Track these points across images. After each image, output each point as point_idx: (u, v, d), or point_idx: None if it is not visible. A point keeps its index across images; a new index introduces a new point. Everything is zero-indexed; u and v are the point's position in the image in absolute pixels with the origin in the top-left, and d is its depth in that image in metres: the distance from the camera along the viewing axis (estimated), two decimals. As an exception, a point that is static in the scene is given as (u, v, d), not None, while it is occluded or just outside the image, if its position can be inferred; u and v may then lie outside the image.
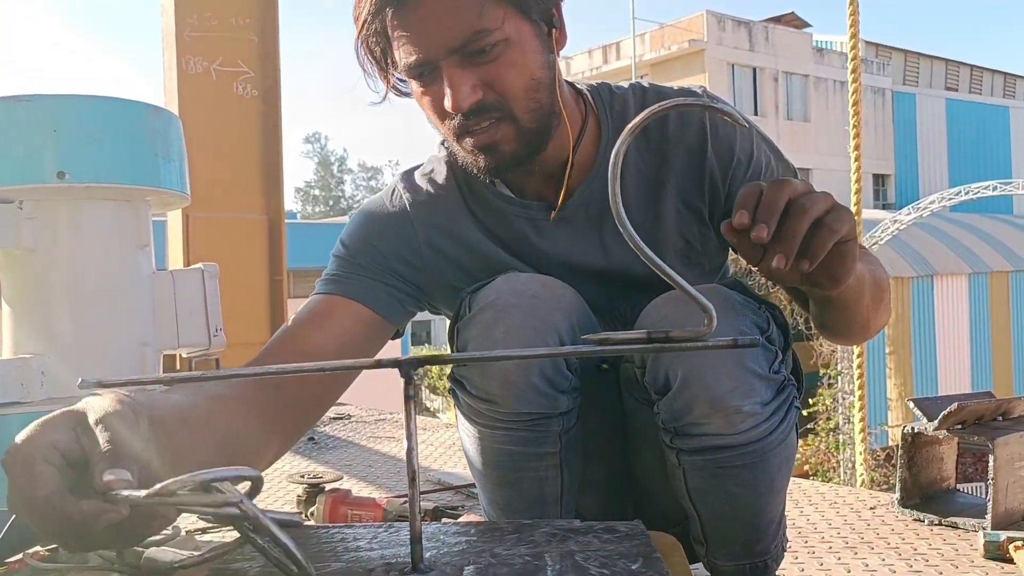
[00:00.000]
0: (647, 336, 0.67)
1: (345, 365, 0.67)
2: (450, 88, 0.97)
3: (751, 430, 0.98)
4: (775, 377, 1.00)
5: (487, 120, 1.01)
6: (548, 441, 1.03)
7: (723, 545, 1.07)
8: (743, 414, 0.97)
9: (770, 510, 1.06)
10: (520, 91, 1.00)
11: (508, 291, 0.99)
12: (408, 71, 1.01)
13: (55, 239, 0.96)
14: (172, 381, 0.68)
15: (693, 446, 1.00)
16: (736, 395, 0.96)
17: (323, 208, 50.53)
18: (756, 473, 1.01)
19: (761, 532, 1.06)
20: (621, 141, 0.68)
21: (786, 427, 1.02)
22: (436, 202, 1.16)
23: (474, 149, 1.03)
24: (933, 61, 26.74)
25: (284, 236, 4.89)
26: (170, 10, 4.67)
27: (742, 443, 0.98)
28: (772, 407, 1.00)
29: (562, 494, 1.08)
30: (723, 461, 1.00)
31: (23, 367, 0.95)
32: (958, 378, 13.64)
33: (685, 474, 1.03)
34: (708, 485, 1.02)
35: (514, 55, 0.99)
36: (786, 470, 1.06)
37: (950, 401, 1.72)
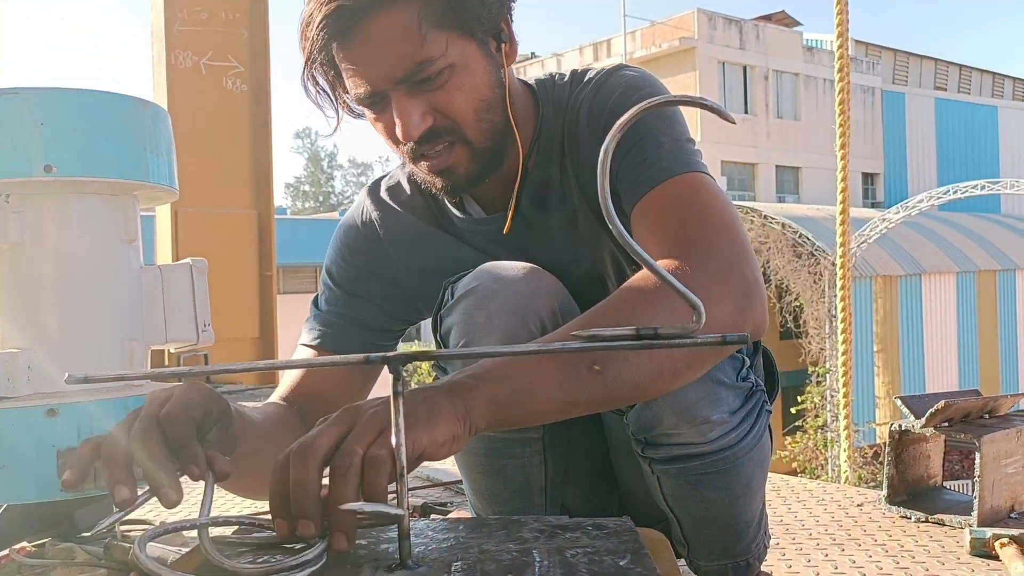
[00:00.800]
0: (635, 333, 0.67)
1: (334, 361, 0.67)
2: (399, 118, 0.98)
3: (721, 438, 0.99)
4: (742, 385, 1.01)
5: (440, 144, 1.01)
6: (531, 427, 1.04)
7: (704, 547, 1.08)
8: (711, 423, 0.97)
9: (748, 511, 1.06)
10: (470, 113, 1.00)
11: (490, 278, 0.99)
12: (359, 101, 1.01)
13: (42, 233, 0.96)
14: (159, 377, 0.68)
15: (664, 455, 1.01)
16: (703, 405, 0.96)
17: (313, 204, 50.38)
18: (730, 478, 1.01)
19: (740, 533, 1.07)
20: (611, 138, 0.68)
21: (757, 432, 1.03)
22: (405, 220, 1.17)
23: (430, 172, 1.04)
24: (922, 60, 26.85)
25: (274, 232, 4.88)
26: (159, 4, 4.65)
27: (713, 451, 0.99)
28: (741, 415, 1.00)
29: (547, 484, 1.08)
30: (696, 469, 1.00)
31: (9, 362, 0.94)
32: (945, 376, 13.72)
33: (660, 481, 1.04)
34: (683, 491, 1.03)
35: (461, 79, 0.98)
36: (761, 472, 1.06)
37: (937, 399, 1.73)
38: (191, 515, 1.95)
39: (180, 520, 0.70)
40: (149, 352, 1.04)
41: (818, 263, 12.40)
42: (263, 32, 4.89)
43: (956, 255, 14.56)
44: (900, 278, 13.45)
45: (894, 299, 13.35)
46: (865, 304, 12.76)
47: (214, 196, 4.62)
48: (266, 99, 4.88)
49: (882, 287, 13.15)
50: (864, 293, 12.72)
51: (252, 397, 3.84)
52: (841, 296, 3.93)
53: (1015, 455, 1.70)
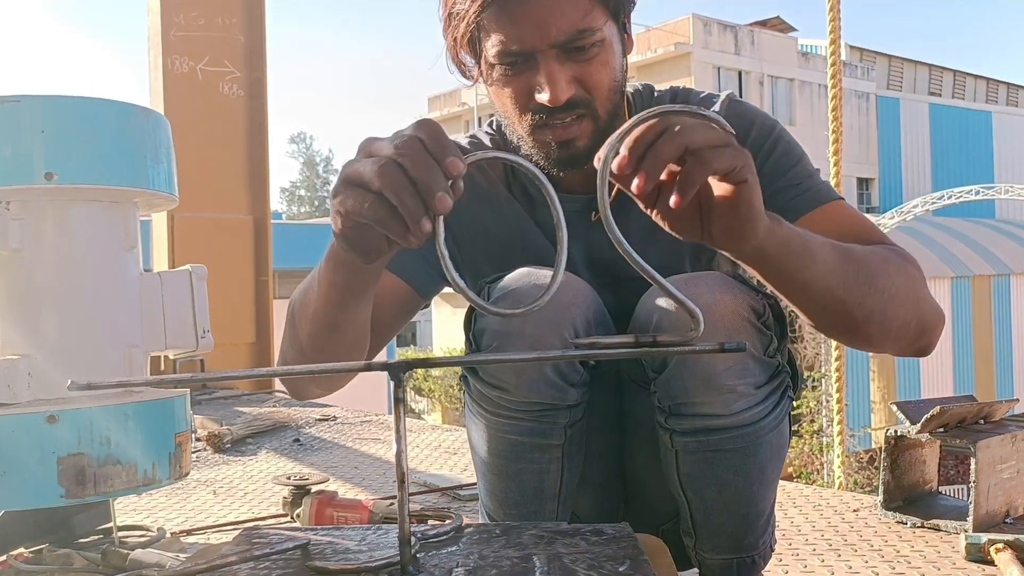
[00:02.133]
0: (635, 340, 0.68)
1: (335, 368, 0.67)
2: (548, 81, 1.00)
3: (744, 412, 0.99)
4: (769, 361, 1.02)
5: (571, 115, 1.04)
6: (554, 433, 1.04)
7: (712, 536, 1.08)
8: (736, 393, 0.98)
9: (759, 501, 1.07)
10: (606, 91, 1.04)
11: (527, 283, 1.01)
12: (500, 57, 1.03)
13: (42, 240, 0.96)
14: (161, 384, 0.69)
15: (686, 427, 1.01)
16: (730, 374, 0.98)
17: (308, 208, 50.37)
18: (747, 459, 1.02)
19: (750, 525, 1.07)
20: (609, 148, 0.69)
21: (779, 414, 1.04)
22: (483, 174, 1.20)
23: (550, 142, 1.07)
24: (917, 66, 26.95)
25: (270, 236, 4.88)
26: (156, 9, 4.65)
27: (735, 425, 1.00)
28: (766, 391, 1.01)
29: (561, 491, 1.08)
30: (715, 444, 1.01)
31: (10, 368, 0.94)
32: (941, 381, 13.75)
33: (677, 457, 1.04)
34: (699, 470, 1.03)
35: (607, 56, 1.03)
36: (777, 461, 1.07)
37: (932, 404, 1.74)
38: (188, 521, 1.94)
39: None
40: (149, 358, 1.04)
41: (813, 268, 12.42)
42: (259, 37, 4.89)
43: (951, 260, 14.61)
44: (895, 283, 13.47)
45: (889, 304, 13.37)
46: (860, 309, 12.77)
47: (210, 201, 4.62)
48: (262, 104, 4.88)
49: (877, 292, 13.17)
50: (859, 298, 12.73)
51: (248, 403, 3.84)
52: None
53: (1010, 460, 1.71)
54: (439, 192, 0.70)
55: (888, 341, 0.98)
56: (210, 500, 2.16)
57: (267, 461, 2.64)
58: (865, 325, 0.94)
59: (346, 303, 0.97)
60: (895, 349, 1.01)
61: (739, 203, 0.77)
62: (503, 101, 1.07)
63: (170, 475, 0.96)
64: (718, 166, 0.73)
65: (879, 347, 1.01)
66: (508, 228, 1.17)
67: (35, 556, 1.55)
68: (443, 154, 0.71)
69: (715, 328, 0.95)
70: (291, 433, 3.04)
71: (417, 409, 18.97)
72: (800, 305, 0.95)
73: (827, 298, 0.91)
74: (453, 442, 2.89)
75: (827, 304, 0.92)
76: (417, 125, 0.73)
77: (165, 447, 0.96)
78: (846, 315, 0.93)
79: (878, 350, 1.03)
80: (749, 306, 1.00)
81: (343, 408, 3.59)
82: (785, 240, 0.85)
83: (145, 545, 1.63)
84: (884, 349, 1.01)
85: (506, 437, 1.05)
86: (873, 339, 0.97)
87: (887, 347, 1.01)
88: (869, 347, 1.01)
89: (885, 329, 0.95)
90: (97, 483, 0.91)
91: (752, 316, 1.00)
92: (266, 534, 0.78)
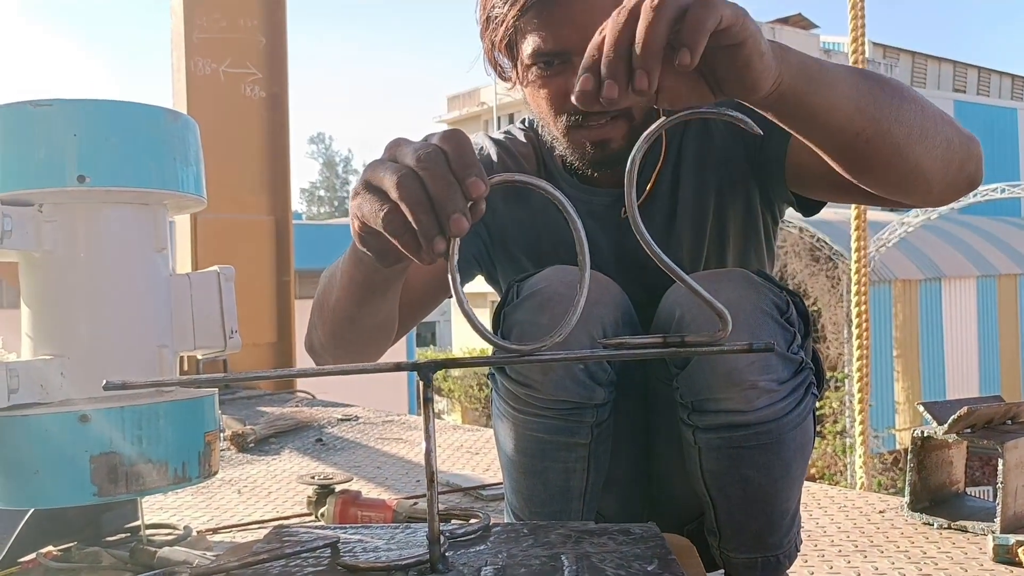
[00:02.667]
0: (663, 340, 0.68)
1: (366, 368, 0.68)
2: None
3: (767, 408, 0.99)
4: (793, 357, 1.01)
5: (606, 117, 1.05)
6: (580, 432, 1.05)
7: (736, 535, 1.08)
8: (759, 389, 0.98)
9: (784, 499, 1.06)
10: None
11: (557, 281, 1.01)
12: (536, 58, 1.04)
13: (74, 242, 0.97)
14: (194, 383, 0.69)
15: (709, 423, 1.01)
16: (753, 369, 0.97)
17: (328, 209, 50.60)
18: (771, 456, 1.01)
19: (775, 523, 1.07)
20: (637, 149, 0.69)
21: (802, 411, 1.03)
22: (517, 160, 1.23)
23: (585, 143, 1.08)
24: (941, 62, 26.67)
25: (291, 237, 4.91)
26: (179, 12, 4.70)
27: (758, 421, 0.99)
28: (789, 387, 1.01)
29: (586, 490, 1.09)
30: (738, 440, 1.01)
31: (43, 368, 0.96)
32: (966, 381, 13.61)
33: (701, 455, 1.04)
34: (723, 467, 1.03)
35: None
36: (802, 459, 1.06)
37: (959, 405, 1.72)
38: (213, 519, 1.96)
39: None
40: (178, 358, 1.05)
41: (836, 267, 12.34)
42: (281, 39, 4.92)
43: (976, 259, 14.45)
44: (919, 282, 13.36)
45: (913, 304, 13.26)
46: (884, 309, 12.68)
47: (232, 202, 4.65)
48: (283, 105, 4.91)
49: (901, 291, 13.07)
50: (883, 298, 12.64)
51: (270, 402, 3.86)
52: (857, 301, 3.91)
53: (1039, 461, 1.69)
54: (455, 213, 0.66)
55: (936, 165, 0.90)
56: (235, 499, 2.18)
57: (290, 460, 2.66)
58: (907, 145, 0.87)
59: (365, 299, 0.98)
60: (943, 176, 0.92)
61: (740, 48, 0.71)
62: (539, 102, 1.09)
63: (200, 474, 0.97)
64: (715, 16, 0.68)
65: (926, 176, 0.91)
66: (540, 220, 1.20)
67: (64, 554, 1.57)
68: (465, 173, 0.67)
69: (738, 324, 0.95)
70: (313, 433, 3.06)
71: (437, 409, 19.02)
72: (834, 142, 0.87)
73: (859, 122, 0.84)
74: (475, 442, 2.90)
75: (860, 130, 0.85)
76: (444, 136, 0.70)
77: (195, 446, 0.97)
78: (883, 137, 0.86)
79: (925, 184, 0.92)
80: (772, 302, 1.00)
81: (365, 408, 3.60)
82: (800, 65, 0.79)
83: (172, 543, 1.64)
84: (933, 179, 0.91)
85: (533, 435, 1.05)
86: (922, 165, 0.89)
87: (935, 174, 0.91)
88: (917, 180, 0.91)
89: (929, 148, 0.88)
90: (129, 481, 0.92)
91: (775, 312, 1.00)
92: (295, 532, 0.79)
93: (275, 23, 4.90)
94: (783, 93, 0.78)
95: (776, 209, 1.22)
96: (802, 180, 1.11)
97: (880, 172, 0.91)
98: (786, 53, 0.78)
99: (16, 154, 0.94)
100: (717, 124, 1.17)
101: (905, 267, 13.23)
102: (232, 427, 2.92)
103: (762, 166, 1.14)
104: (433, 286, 1.22)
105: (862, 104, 0.84)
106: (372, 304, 1.00)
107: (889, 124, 0.86)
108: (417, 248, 0.69)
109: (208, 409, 1.01)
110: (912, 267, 13.37)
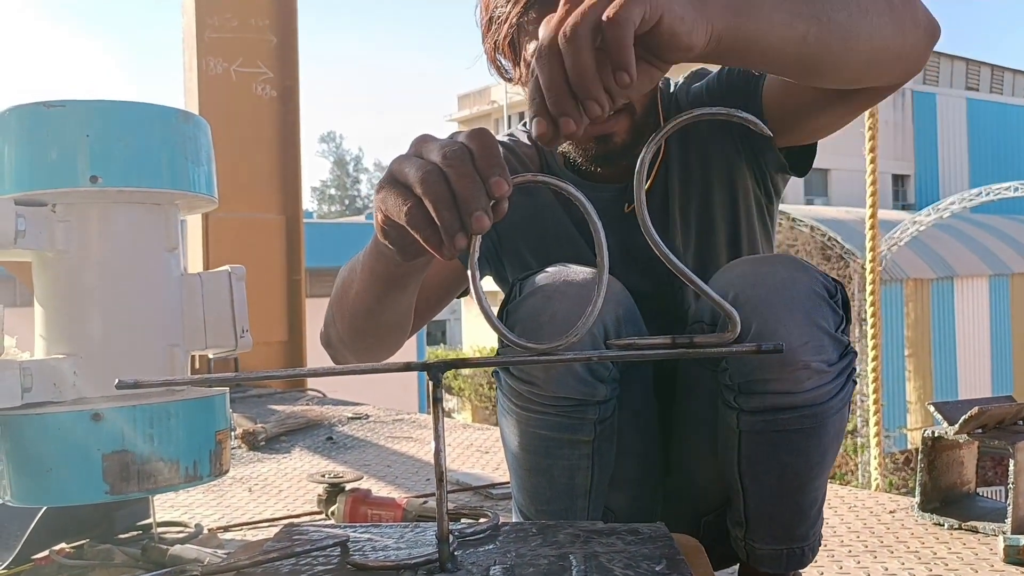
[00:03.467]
0: (671, 341, 0.68)
1: (376, 368, 0.68)
2: None
3: (815, 390, 1.00)
4: (841, 339, 1.02)
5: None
6: (583, 429, 1.05)
7: (764, 525, 1.08)
8: (811, 370, 0.99)
9: (815, 488, 1.07)
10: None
11: (558, 279, 1.03)
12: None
13: (87, 242, 0.98)
14: (205, 382, 0.70)
15: (755, 405, 1.02)
16: (808, 350, 0.98)
17: (339, 207, 50.69)
18: (811, 441, 1.02)
19: (804, 513, 1.08)
20: (646, 151, 0.69)
21: (844, 396, 1.04)
22: (522, 160, 1.25)
23: (589, 139, 1.10)
24: (953, 60, 26.50)
25: (302, 235, 4.93)
26: (191, 11, 4.72)
27: (804, 404, 1.00)
28: (836, 369, 1.01)
29: (592, 488, 1.09)
30: (783, 423, 1.01)
31: (55, 367, 0.96)
32: (978, 381, 13.53)
33: (740, 439, 1.05)
34: (762, 452, 1.04)
35: None
36: (836, 446, 1.07)
37: (970, 405, 1.72)
38: (224, 518, 1.97)
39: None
40: (189, 357, 1.06)
41: (847, 266, 12.29)
42: (292, 38, 4.93)
43: (989, 258, 14.36)
44: (932, 281, 13.29)
45: (925, 303, 13.20)
46: (896, 308, 12.63)
47: (243, 201, 4.67)
48: (294, 104, 4.93)
49: (913, 290, 13.01)
50: (895, 297, 12.59)
51: (281, 401, 3.88)
52: (871, 301, 3.89)
53: (1051, 462, 1.69)
54: (477, 211, 0.67)
55: (889, 30, 0.89)
56: (246, 497, 2.19)
57: (301, 459, 2.67)
58: (854, 25, 0.86)
59: (385, 293, 0.99)
60: (902, 38, 0.91)
61: (660, 26, 0.70)
62: None
63: (211, 472, 0.98)
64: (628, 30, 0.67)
65: (887, 45, 0.90)
66: (545, 218, 1.22)
67: (76, 551, 1.58)
68: (490, 172, 0.68)
69: (793, 304, 0.97)
70: (324, 431, 3.07)
71: (447, 407, 19.03)
72: (786, 56, 0.85)
73: (800, 26, 0.83)
74: (484, 441, 2.90)
75: (805, 32, 0.83)
76: (470, 135, 0.71)
77: (206, 444, 0.98)
78: (828, 28, 0.85)
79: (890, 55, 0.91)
80: (823, 284, 1.02)
81: (375, 406, 3.61)
82: (724, 5, 0.77)
83: (184, 541, 1.65)
84: (893, 45, 0.90)
85: (536, 432, 1.06)
86: (875, 38, 0.88)
87: (893, 39, 0.90)
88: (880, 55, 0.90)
89: (874, 17, 0.87)
90: (140, 480, 0.92)
91: (826, 294, 1.01)
92: (306, 530, 0.79)
93: (286, 22, 4.92)
94: (720, 38, 0.77)
95: (770, 182, 1.24)
96: (785, 124, 1.11)
97: (843, 65, 0.89)
98: (705, 2, 0.75)
99: (29, 155, 0.95)
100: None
101: (917, 266, 13.17)
102: (243, 425, 2.94)
103: (747, 133, 1.15)
104: (447, 284, 1.23)
105: (795, 8, 0.83)
106: (391, 298, 1.00)
107: (828, 13, 0.85)
108: (439, 244, 0.70)
109: (219, 408, 1.01)
110: (924, 266, 13.30)
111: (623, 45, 0.67)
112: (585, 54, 0.67)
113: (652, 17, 0.69)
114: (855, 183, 20.77)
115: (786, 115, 1.10)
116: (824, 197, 22.59)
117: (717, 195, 1.21)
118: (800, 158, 1.17)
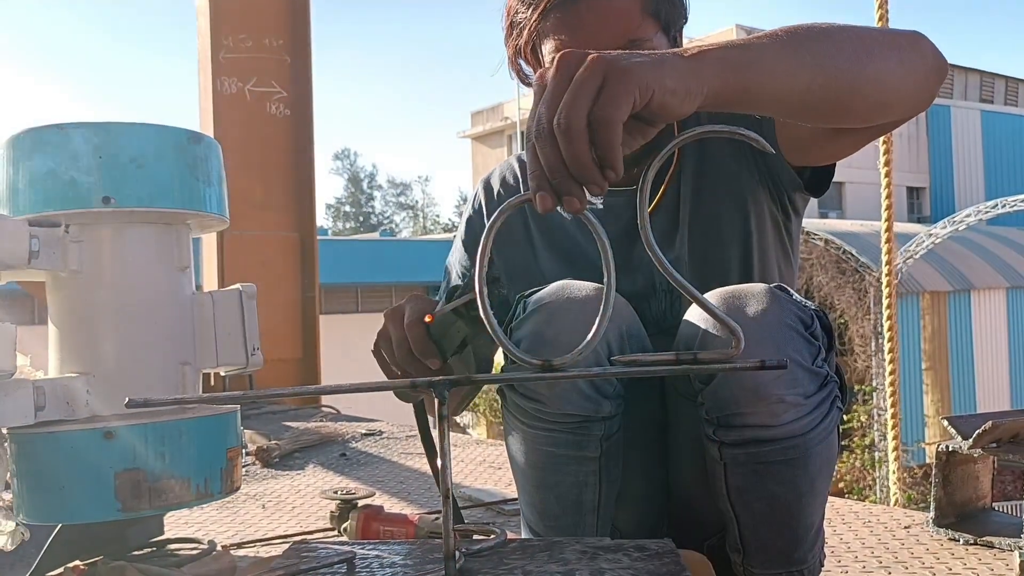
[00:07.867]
0: (675, 358, 0.68)
1: (382, 386, 0.69)
2: None
3: (793, 422, 0.99)
4: (818, 371, 1.01)
5: None
6: (589, 445, 1.05)
7: (761, 551, 1.07)
8: (786, 404, 0.98)
9: (809, 514, 1.06)
10: None
11: (562, 295, 1.03)
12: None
13: (100, 261, 1.00)
14: (214, 401, 0.71)
15: (735, 438, 1.01)
16: (779, 384, 0.97)
17: (353, 224, 50.90)
18: (797, 471, 1.01)
19: (800, 538, 1.06)
20: (649, 167, 0.70)
21: (828, 425, 1.03)
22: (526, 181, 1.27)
23: None
24: (968, 73, 26.40)
25: (316, 253, 4.95)
26: (206, 32, 4.77)
27: (784, 436, 0.99)
28: (815, 400, 1.00)
29: (599, 504, 1.09)
30: (765, 456, 1.00)
31: (68, 386, 0.98)
32: (997, 394, 13.40)
33: (726, 471, 1.04)
34: (749, 483, 1.03)
35: None
36: (827, 473, 1.06)
37: (985, 419, 1.70)
38: (238, 534, 1.98)
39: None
40: (201, 375, 1.07)
41: (863, 279, 12.22)
42: (305, 58, 4.98)
43: (1006, 270, 14.25)
44: (948, 294, 13.19)
45: (942, 316, 13.09)
46: (913, 321, 12.54)
47: (258, 219, 4.71)
48: (308, 123, 4.97)
49: (930, 303, 12.91)
50: (911, 310, 12.50)
51: (295, 417, 3.89)
52: (887, 314, 3.87)
53: (1067, 477, 1.67)
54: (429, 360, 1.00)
55: (896, 69, 0.89)
56: (259, 514, 2.19)
57: (314, 475, 2.67)
58: (859, 68, 0.86)
59: None
60: (911, 76, 0.92)
61: (650, 105, 0.71)
62: None
63: (222, 489, 0.99)
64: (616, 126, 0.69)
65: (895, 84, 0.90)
66: (552, 227, 1.26)
67: (90, 568, 1.59)
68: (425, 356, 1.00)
69: (763, 338, 0.95)
70: (338, 448, 3.08)
71: (461, 423, 18.98)
72: (792, 104, 0.86)
73: (804, 76, 0.83)
74: (497, 456, 2.90)
75: (809, 81, 0.84)
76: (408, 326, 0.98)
77: (217, 462, 0.99)
78: (834, 75, 0.85)
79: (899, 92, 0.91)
80: (796, 316, 1.00)
81: (389, 423, 3.62)
82: (720, 63, 0.77)
83: (196, 558, 1.66)
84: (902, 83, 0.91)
85: (542, 449, 1.06)
86: (883, 78, 0.88)
87: (901, 78, 0.90)
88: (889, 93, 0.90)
89: (880, 59, 0.87)
90: (152, 497, 0.93)
91: (800, 326, 1.00)
92: (314, 548, 0.80)
93: (300, 42, 4.96)
94: (718, 94, 0.77)
95: (787, 201, 1.23)
96: (799, 146, 1.11)
97: (850, 109, 0.90)
98: (700, 63, 0.76)
99: (43, 176, 0.97)
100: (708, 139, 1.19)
101: (933, 279, 13.08)
102: (257, 442, 2.95)
103: (761, 154, 1.15)
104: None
105: (798, 59, 0.83)
106: None
107: (833, 61, 0.85)
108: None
109: (230, 425, 1.02)
110: (940, 279, 13.20)
111: (611, 146, 0.68)
112: (580, 146, 0.69)
113: (643, 99, 0.70)
114: (870, 196, 20.70)
115: (800, 140, 1.10)
116: (839, 210, 22.50)
117: (728, 209, 1.21)
118: (818, 178, 1.17)
